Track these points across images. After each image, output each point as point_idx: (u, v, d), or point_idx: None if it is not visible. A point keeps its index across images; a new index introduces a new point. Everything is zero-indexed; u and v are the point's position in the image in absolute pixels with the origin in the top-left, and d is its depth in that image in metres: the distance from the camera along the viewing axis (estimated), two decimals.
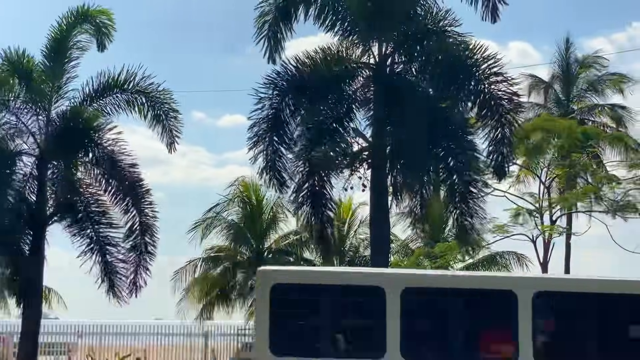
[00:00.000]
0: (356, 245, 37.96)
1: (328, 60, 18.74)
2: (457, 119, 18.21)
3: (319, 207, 18.59)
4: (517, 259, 36.09)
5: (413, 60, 18.58)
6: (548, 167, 29.08)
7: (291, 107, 18.52)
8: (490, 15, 17.77)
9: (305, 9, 18.49)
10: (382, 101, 18.25)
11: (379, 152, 18.24)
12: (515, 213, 26.81)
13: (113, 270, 20.40)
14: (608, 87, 37.74)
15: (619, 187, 28.04)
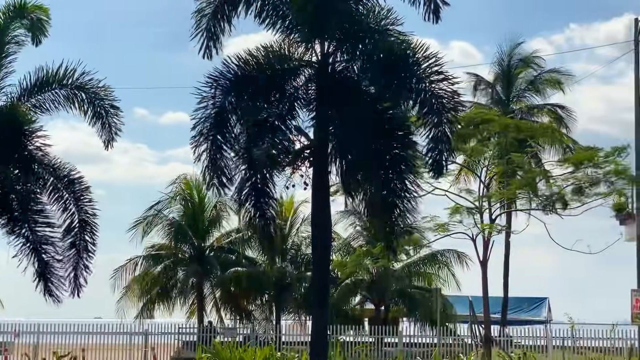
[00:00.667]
0: (298, 243, 38.11)
1: (270, 58, 18.67)
2: (398, 117, 18.30)
3: (261, 205, 18.55)
4: (458, 257, 36.57)
5: (355, 58, 18.60)
6: (487, 166, 29.42)
7: (234, 105, 18.41)
8: (433, 16, 17.85)
9: (246, 6, 18.40)
10: (324, 99, 18.27)
11: (321, 150, 18.27)
12: (453, 210, 27.06)
13: (50, 269, 20.07)
14: (547, 86, 38.31)
15: (554, 183, 28.48)
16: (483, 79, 39.43)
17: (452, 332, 34.35)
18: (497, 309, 36.60)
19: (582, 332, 32.45)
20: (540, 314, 47.42)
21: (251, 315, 37.59)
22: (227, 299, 36.99)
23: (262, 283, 36.00)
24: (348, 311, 36.82)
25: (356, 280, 36.38)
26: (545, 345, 32.21)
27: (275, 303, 37.32)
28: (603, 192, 27.90)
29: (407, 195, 17.94)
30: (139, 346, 32.87)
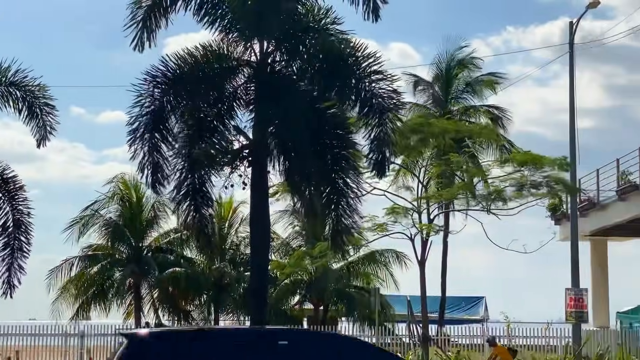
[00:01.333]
0: (237, 243, 37.94)
1: (209, 57, 18.57)
2: (338, 117, 18.33)
3: (199, 204, 18.48)
4: (396, 257, 36.73)
5: (295, 58, 18.59)
6: (426, 166, 29.59)
7: (172, 103, 18.28)
8: (372, 15, 17.91)
9: (185, 2, 18.23)
10: (263, 99, 18.23)
11: (260, 150, 18.21)
12: (391, 210, 27.14)
13: None
14: (484, 87, 38.71)
15: (492, 184, 28.74)
16: (422, 80, 39.69)
17: (390, 331, 34.49)
18: (435, 308, 36.87)
19: (518, 330, 32.84)
20: (477, 313, 47.94)
21: (189, 316, 37.30)
22: (165, 299, 36.64)
23: (200, 283, 35.73)
24: (287, 311, 36.74)
25: (295, 280, 36.32)
26: (482, 343, 32.52)
27: (213, 303, 37.09)
28: (542, 193, 28.23)
29: (349, 194, 17.98)
30: (75, 348, 32.39)
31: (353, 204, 18.03)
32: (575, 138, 30.20)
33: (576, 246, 29.61)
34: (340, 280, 36.44)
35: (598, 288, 35.98)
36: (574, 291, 28.79)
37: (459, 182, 30.03)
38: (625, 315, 37.49)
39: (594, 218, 34.43)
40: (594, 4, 30.25)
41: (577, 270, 29.48)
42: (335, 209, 17.94)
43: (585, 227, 34.04)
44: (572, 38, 30.69)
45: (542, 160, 26.66)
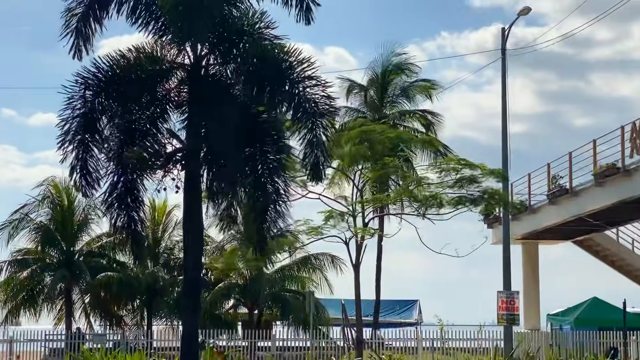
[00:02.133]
0: (171, 247, 37.69)
1: (142, 59, 18.35)
2: (272, 122, 18.29)
3: (131, 208, 18.28)
4: (332, 260, 36.83)
5: (228, 61, 18.49)
6: (361, 170, 29.70)
7: (104, 105, 18.03)
8: (304, 18, 17.89)
9: (117, 6, 18.02)
10: (196, 102, 18.08)
11: (193, 153, 18.07)
12: (327, 215, 27.21)
13: None
14: (418, 93, 39.04)
15: (428, 189, 28.94)
16: (357, 84, 39.85)
17: (324, 335, 34.55)
18: (370, 311, 37.06)
19: (451, 333, 33.16)
20: (411, 316, 48.31)
21: (122, 321, 36.90)
22: (96, 304, 36.19)
23: (133, 288, 35.38)
24: (221, 315, 36.58)
25: (229, 284, 36.19)
26: (416, 346, 32.76)
27: (146, 308, 36.76)
28: (480, 208, 28.55)
29: (279, 200, 17.97)
30: (3, 354, 31.79)
31: (281, 210, 18.03)
32: (508, 143, 30.65)
33: (508, 250, 30.03)
34: (274, 284, 36.40)
35: (529, 291, 36.53)
36: (505, 294, 29.17)
37: (396, 187, 30.22)
38: (555, 318, 38.14)
39: (526, 222, 34.96)
40: (525, 11, 30.74)
41: (509, 273, 29.90)
42: (263, 216, 17.90)
43: (517, 231, 34.54)
44: (505, 44, 31.13)
45: (478, 177, 26.96)
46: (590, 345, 31.52)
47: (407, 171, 31.80)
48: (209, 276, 35.63)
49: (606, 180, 28.51)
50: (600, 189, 29.11)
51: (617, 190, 28.21)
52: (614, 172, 27.89)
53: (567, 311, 37.58)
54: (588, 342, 31.77)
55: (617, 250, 35.51)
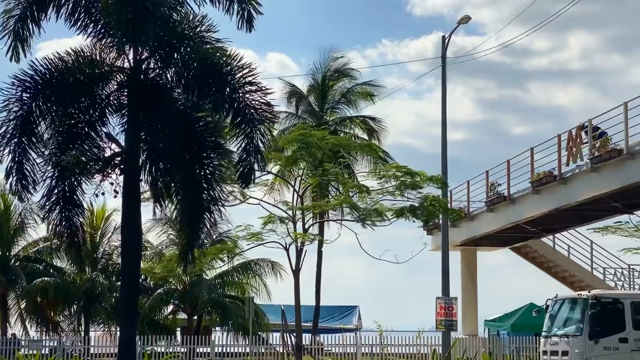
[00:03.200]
0: (109, 252, 37.29)
1: (81, 62, 18.21)
2: (211, 127, 18.23)
3: (69, 212, 18.11)
4: (272, 266, 36.76)
5: (169, 66, 18.41)
6: (301, 176, 29.71)
7: (41, 108, 17.85)
8: (246, 25, 17.92)
9: (56, 8, 17.83)
10: (135, 106, 17.98)
11: (132, 158, 17.95)
12: (267, 220, 27.16)
13: None
14: (359, 98, 39.10)
15: (369, 196, 29.05)
16: (298, 90, 39.84)
17: (264, 340, 34.47)
18: (309, 317, 37.04)
19: (390, 339, 33.31)
20: (351, 322, 48.41)
21: (58, 327, 36.41)
22: (33, 310, 35.65)
23: (70, 293, 34.94)
24: (160, 321, 36.29)
25: (168, 290, 35.92)
26: (355, 352, 32.87)
27: (84, 314, 36.31)
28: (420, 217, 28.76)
29: (215, 205, 17.93)
30: None
31: (213, 217, 18.01)
32: (447, 150, 30.93)
33: (447, 256, 30.25)
34: (214, 289, 36.22)
35: (468, 297, 36.85)
36: (444, 300, 29.42)
37: (337, 193, 30.27)
38: (492, 323, 38.55)
39: (464, 228, 35.27)
40: (465, 20, 31.07)
41: (448, 279, 30.14)
42: (201, 219, 17.85)
43: (456, 237, 34.83)
44: (445, 52, 31.42)
45: (419, 182, 27.16)
46: (526, 351, 31.95)
47: (347, 178, 31.90)
48: (147, 281, 35.34)
49: (543, 187, 28.92)
50: (537, 196, 29.51)
51: (554, 198, 28.63)
52: (550, 180, 28.30)
53: (504, 317, 38.01)
54: (524, 347, 32.18)
55: (553, 256, 36.00)
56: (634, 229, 33.36)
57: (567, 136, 27.30)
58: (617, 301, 22.50)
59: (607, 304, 22.45)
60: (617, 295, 23.77)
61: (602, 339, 21.90)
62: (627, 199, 27.13)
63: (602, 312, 22.28)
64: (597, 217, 30.96)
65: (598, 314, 22.12)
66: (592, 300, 22.09)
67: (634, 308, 22.23)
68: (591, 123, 26.35)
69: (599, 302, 22.25)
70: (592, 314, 22.03)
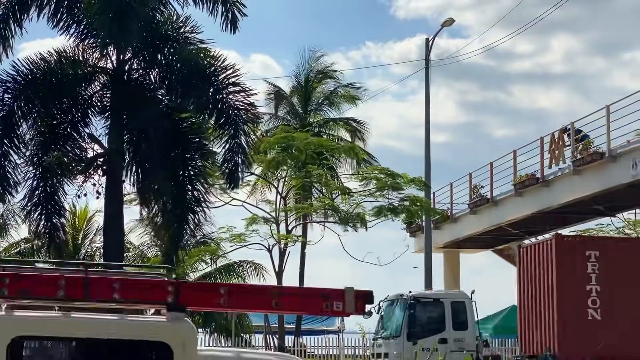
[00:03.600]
0: (91, 253, 37.05)
1: (63, 63, 18.12)
2: (194, 127, 18.19)
3: (51, 213, 17.99)
4: (255, 268, 36.63)
5: (152, 66, 18.35)
6: (285, 177, 29.69)
7: (23, 109, 17.75)
8: (230, 26, 17.89)
9: (38, 9, 17.74)
10: (118, 107, 17.91)
11: (115, 159, 17.87)
12: (250, 221, 27.12)
13: None
14: (343, 101, 39.06)
15: (351, 198, 29.07)
16: (281, 92, 39.78)
17: (247, 342, 34.40)
18: (292, 319, 36.98)
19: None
20: (334, 324, 48.33)
21: None
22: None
23: None
24: None
25: None
26: (338, 354, 32.86)
27: None
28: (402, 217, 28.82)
29: (199, 206, 17.89)
30: None
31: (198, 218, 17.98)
32: (430, 152, 30.99)
33: (430, 258, 30.29)
34: None
35: None
36: None
37: (320, 195, 30.28)
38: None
39: (447, 230, 35.29)
40: (448, 22, 31.16)
41: (431, 281, 30.18)
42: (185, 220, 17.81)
43: (439, 239, 34.84)
44: (428, 54, 31.48)
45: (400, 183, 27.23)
46: (508, 353, 32.01)
47: (330, 180, 31.91)
48: None
49: (526, 190, 28.98)
50: (520, 198, 29.57)
51: (536, 200, 28.70)
52: (533, 182, 28.36)
53: (486, 319, 38.04)
54: (506, 349, 32.25)
55: None
56: (615, 232, 33.49)
57: (550, 139, 27.37)
58: (438, 301, 22.09)
59: (427, 304, 22.04)
60: (437, 295, 23.35)
61: (420, 339, 21.40)
62: (609, 202, 27.22)
63: (422, 312, 21.92)
64: (579, 219, 31.03)
65: (417, 314, 21.73)
66: (411, 301, 21.65)
67: (454, 308, 21.84)
68: (573, 126, 26.44)
69: (419, 302, 21.80)
70: (411, 314, 21.57)
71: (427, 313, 22.08)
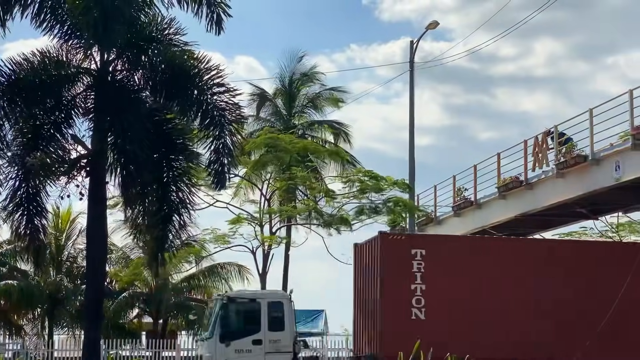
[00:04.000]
0: (74, 255, 36.91)
1: (47, 63, 18.03)
2: (179, 129, 18.15)
3: (33, 214, 17.87)
4: (238, 270, 36.62)
5: (136, 68, 18.29)
6: (269, 179, 29.69)
7: (6, 110, 17.65)
8: (215, 27, 17.86)
9: (22, 8, 17.64)
10: (102, 108, 17.82)
11: (99, 160, 17.79)
12: (234, 219, 27.12)
13: None
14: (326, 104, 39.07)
15: (335, 201, 29.11)
16: (266, 93, 39.77)
17: None
18: None
19: None
20: (318, 326, 48.29)
21: (22, 330, 36.01)
22: None
23: (35, 296, 34.55)
24: (125, 325, 36.00)
25: (134, 293, 35.66)
26: (322, 356, 32.82)
27: (48, 317, 35.94)
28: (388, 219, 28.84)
29: (184, 208, 17.84)
30: None
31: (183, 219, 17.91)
32: (414, 155, 31.03)
33: None
34: (180, 293, 36.04)
35: None
36: None
37: (304, 198, 30.28)
38: None
39: (431, 233, 35.33)
40: (433, 25, 31.21)
41: None
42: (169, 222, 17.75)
43: None
44: (413, 57, 31.54)
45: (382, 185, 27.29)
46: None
47: (314, 182, 31.92)
48: (113, 285, 35.06)
49: (509, 192, 29.02)
50: (503, 201, 29.61)
51: (520, 203, 28.75)
52: (517, 185, 28.40)
53: None
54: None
55: None
56: (598, 235, 33.61)
57: (534, 142, 27.43)
58: (254, 301, 21.50)
59: (242, 304, 21.55)
60: (254, 294, 22.73)
61: (234, 341, 20.90)
62: (592, 205, 27.30)
63: (237, 313, 21.45)
64: (562, 222, 31.12)
65: (231, 315, 21.29)
66: (224, 301, 21.24)
67: (270, 308, 21.20)
68: (557, 129, 26.51)
69: (234, 302, 21.35)
70: (224, 315, 21.11)
71: (242, 313, 21.51)
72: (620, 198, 26.05)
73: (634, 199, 26.46)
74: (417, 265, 19.78)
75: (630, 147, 23.09)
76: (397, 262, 19.79)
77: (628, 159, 23.48)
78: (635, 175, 23.31)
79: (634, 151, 23.01)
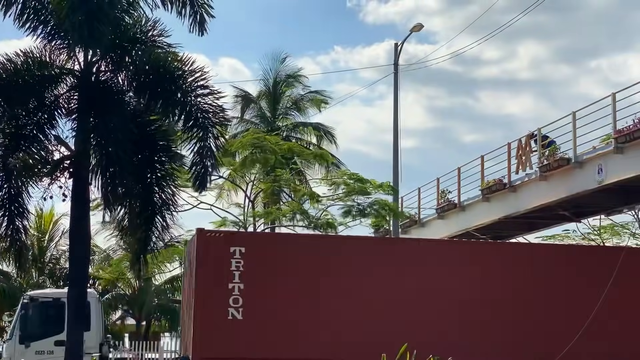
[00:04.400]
0: (57, 257, 36.82)
1: (30, 64, 17.90)
2: (162, 130, 18.10)
3: (14, 216, 17.77)
4: None
5: (120, 69, 18.22)
6: (253, 181, 29.66)
7: None
8: (198, 28, 17.83)
9: (4, 8, 17.54)
10: (86, 109, 17.74)
11: (82, 161, 17.70)
12: (219, 224, 27.12)
13: None
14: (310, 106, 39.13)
15: (320, 204, 29.11)
16: (250, 96, 39.78)
17: None
18: None
19: None
20: None
21: (4, 332, 35.85)
22: None
23: (17, 298, 34.39)
24: (108, 327, 35.91)
25: (117, 295, 35.60)
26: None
27: None
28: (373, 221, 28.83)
29: (167, 209, 17.80)
30: None
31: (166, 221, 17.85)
32: (399, 157, 31.09)
33: None
34: (163, 294, 35.98)
35: None
36: None
37: (289, 200, 30.27)
38: None
39: (415, 235, 35.38)
40: (417, 28, 31.30)
41: None
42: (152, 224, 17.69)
43: None
44: (397, 59, 31.62)
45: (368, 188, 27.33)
46: None
47: (299, 184, 31.91)
48: (96, 286, 34.98)
49: (493, 195, 29.16)
50: (487, 203, 29.75)
51: (503, 205, 28.88)
52: (500, 188, 28.54)
53: None
54: None
55: None
56: (581, 237, 33.76)
57: (517, 145, 27.56)
58: (58, 300, 21.00)
59: (44, 304, 21.20)
60: (57, 294, 22.17)
61: (34, 342, 20.54)
62: (575, 208, 27.45)
63: (38, 313, 21.04)
64: (546, 225, 31.28)
65: (33, 315, 20.90)
66: (24, 301, 20.91)
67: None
68: (540, 132, 26.64)
69: (36, 302, 21.06)
70: (24, 315, 20.82)
71: (44, 313, 21.11)
72: (602, 201, 26.21)
73: (617, 201, 26.62)
74: (236, 263, 18.79)
75: (612, 150, 23.25)
76: (214, 260, 18.84)
77: (611, 161, 23.63)
78: (617, 178, 23.47)
79: (617, 154, 23.18)
